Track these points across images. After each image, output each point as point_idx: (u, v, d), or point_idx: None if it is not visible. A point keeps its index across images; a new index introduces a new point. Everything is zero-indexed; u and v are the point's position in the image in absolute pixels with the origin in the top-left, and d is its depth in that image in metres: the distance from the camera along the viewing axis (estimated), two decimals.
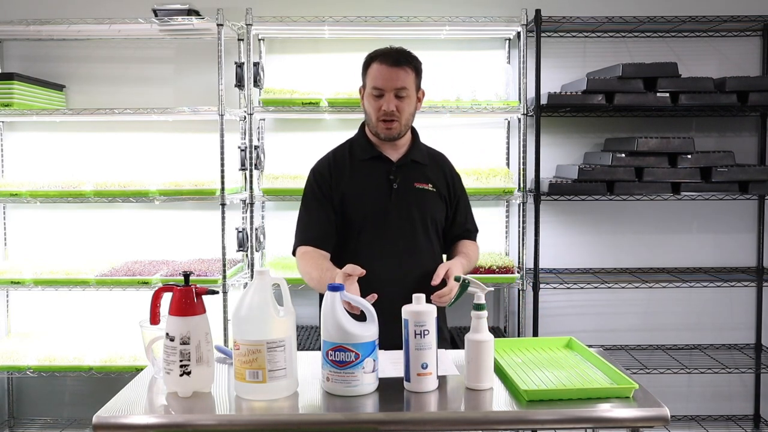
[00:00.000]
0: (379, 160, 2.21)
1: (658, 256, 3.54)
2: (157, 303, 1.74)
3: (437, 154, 2.35)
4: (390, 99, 2.11)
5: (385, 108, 2.11)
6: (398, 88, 2.11)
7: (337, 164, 2.24)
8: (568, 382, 1.69)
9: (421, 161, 2.25)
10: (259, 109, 3.26)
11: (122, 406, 1.61)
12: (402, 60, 2.14)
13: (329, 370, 1.64)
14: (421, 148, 2.29)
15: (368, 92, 2.16)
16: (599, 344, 3.35)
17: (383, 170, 2.20)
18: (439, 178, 2.26)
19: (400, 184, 2.18)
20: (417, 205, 2.18)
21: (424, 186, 2.21)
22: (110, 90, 3.48)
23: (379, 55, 2.14)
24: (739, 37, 3.44)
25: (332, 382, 1.64)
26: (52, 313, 3.54)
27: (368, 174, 2.20)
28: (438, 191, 2.23)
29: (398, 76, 2.11)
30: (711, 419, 3.56)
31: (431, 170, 2.26)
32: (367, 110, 2.18)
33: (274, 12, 3.29)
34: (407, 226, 2.17)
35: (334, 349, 1.64)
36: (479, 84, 3.32)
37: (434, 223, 2.22)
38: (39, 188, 3.17)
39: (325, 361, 1.65)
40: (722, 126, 3.50)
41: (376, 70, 2.13)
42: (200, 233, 3.49)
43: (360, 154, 2.23)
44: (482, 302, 1.69)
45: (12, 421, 3.56)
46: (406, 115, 2.16)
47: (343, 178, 2.20)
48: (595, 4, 3.37)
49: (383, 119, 2.13)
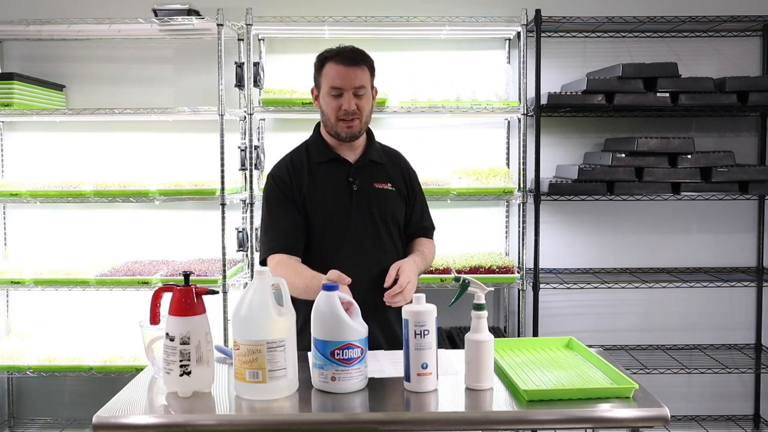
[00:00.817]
0: (337, 161, 2.19)
1: (658, 256, 3.54)
2: (157, 303, 1.74)
3: (393, 153, 2.33)
4: (350, 98, 2.10)
5: (346, 107, 2.10)
6: (357, 87, 2.10)
7: (295, 167, 2.21)
8: (568, 382, 1.69)
9: (378, 160, 2.23)
10: (259, 109, 3.26)
11: (122, 406, 1.61)
12: (358, 59, 2.13)
13: (335, 370, 1.63)
14: (377, 148, 2.27)
15: (325, 92, 2.13)
16: (599, 344, 3.35)
17: (342, 172, 2.18)
18: (397, 177, 2.25)
19: (360, 185, 2.17)
20: (378, 206, 2.17)
21: (383, 186, 2.20)
22: (110, 90, 3.49)
23: (333, 55, 2.13)
24: (739, 37, 3.44)
25: (339, 381, 1.63)
26: (52, 313, 3.54)
27: (327, 176, 2.18)
28: (397, 190, 2.22)
29: (356, 75, 2.10)
30: (711, 419, 3.56)
31: (389, 169, 2.25)
32: (325, 111, 2.16)
33: (274, 12, 3.29)
34: (370, 227, 2.15)
35: (342, 348, 1.63)
36: (479, 84, 3.32)
37: (395, 222, 2.21)
38: (39, 188, 3.17)
39: (328, 361, 1.64)
40: (722, 126, 3.50)
41: (333, 70, 2.11)
42: (200, 233, 3.49)
43: (317, 157, 2.21)
44: (482, 302, 1.69)
45: (12, 421, 3.56)
46: (365, 113, 2.15)
47: (303, 182, 2.18)
48: (595, 4, 3.37)
49: (343, 118, 2.12)
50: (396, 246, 2.21)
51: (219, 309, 3.12)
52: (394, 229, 2.21)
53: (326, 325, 1.65)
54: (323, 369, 1.65)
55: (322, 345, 1.65)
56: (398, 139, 3.34)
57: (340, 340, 1.63)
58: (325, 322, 1.65)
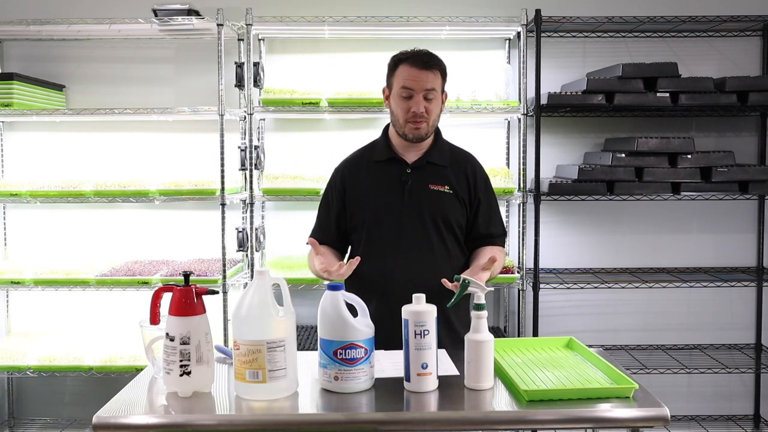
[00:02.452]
0: (394, 161, 2.22)
1: (658, 256, 3.54)
2: (157, 303, 1.74)
3: (462, 155, 2.31)
4: (419, 100, 2.11)
5: (415, 109, 2.11)
6: (428, 90, 2.12)
7: (354, 166, 2.28)
8: (568, 382, 1.69)
9: (439, 163, 2.23)
10: (259, 109, 3.26)
11: (122, 406, 1.61)
12: (431, 63, 2.15)
13: (338, 369, 1.64)
14: (443, 149, 2.27)
15: (396, 93, 2.15)
16: (599, 344, 3.35)
17: (397, 172, 2.20)
18: (458, 180, 2.23)
19: (413, 186, 2.18)
20: (430, 207, 2.17)
21: (439, 188, 2.20)
22: (110, 90, 3.49)
23: (408, 57, 2.15)
24: (739, 37, 3.44)
25: (341, 380, 1.65)
26: (52, 313, 3.54)
27: (382, 176, 2.21)
28: (455, 193, 2.21)
29: (428, 78, 2.12)
30: (711, 419, 3.56)
31: (451, 172, 2.23)
32: (395, 111, 2.17)
33: (274, 12, 3.29)
34: (419, 228, 2.16)
35: (344, 347, 1.64)
36: (479, 84, 3.32)
37: (449, 226, 2.20)
38: (39, 188, 3.17)
39: (331, 361, 1.65)
40: (722, 126, 3.50)
41: (406, 72, 2.13)
42: (200, 233, 3.48)
43: (378, 155, 2.25)
44: (482, 302, 1.70)
45: (12, 421, 3.56)
46: (433, 117, 2.16)
47: (358, 180, 2.23)
48: (595, 4, 3.37)
49: (412, 120, 2.13)
50: (448, 250, 2.19)
51: (219, 309, 3.12)
52: (448, 233, 2.20)
53: (330, 325, 1.66)
54: (327, 368, 1.66)
55: (326, 344, 1.66)
56: None
57: (342, 340, 1.64)
58: (329, 322, 1.66)
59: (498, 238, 2.29)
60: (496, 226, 2.29)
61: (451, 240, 2.21)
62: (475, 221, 2.25)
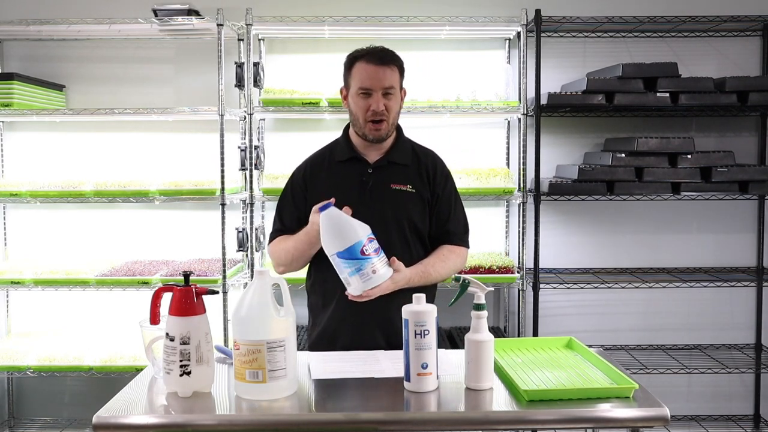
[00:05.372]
0: (356, 161, 2.18)
1: (658, 256, 3.54)
2: (157, 303, 1.74)
3: (423, 153, 2.25)
4: (378, 98, 2.08)
5: (375, 108, 2.08)
6: (386, 87, 2.09)
7: (316, 166, 2.23)
8: (568, 382, 1.69)
9: (401, 162, 2.19)
10: (259, 109, 3.26)
11: (122, 406, 1.61)
12: (388, 59, 2.11)
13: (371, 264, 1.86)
14: (405, 148, 2.22)
15: (354, 92, 2.12)
16: (599, 344, 3.35)
17: (358, 172, 2.17)
18: (421, 178, 2.19)
19: (374, 186, 2.14)
20: (392, 207, 2.13)
21: (401, 187, 2.15)
22: (110, 90, 3.49)
23: (364, 54, 2.12)
24: (739, 37, 3.44)
25: (378, 271, 1.87)
26: (52, 313, 3.54)
27: (344, 176, 2.17)
28: (418, 192, 2.17)
29: (386, 75, 2.09)
30: (711, 419, 3.56)
31: (412, 170, 2.19)
32: (354, 111, 2.13)
33: (274, 12, 3.29)
34: (381, 228, 2.07)
35: (369, 240, 1.87)
36: (479, 84, 3.32)
37: (412, 225, 2.15)
38: (39, 188, 3.17)
39: (361, 260, 1.85)
40: (722, 126, 3.50)
41: (363, 69, 2.10)
42: (200, 233, 3.49)
43: (338, 155, 2.21)
44: (482, 302, 1.70)
45: (12, 421, 3.56)
46: (393, 114, 2.13)
47: (319, 180, 2.19)
48: (595, 4, 3.37)
49: (371, 119, 2.10)
50: (411, 249, 2.14)
51: (219, 309, 3.12)
52: (411, 233, 2.15)
53: (344, 233, 1.85)
54: (362, 270, 1.86)
55: (348, 252, 1.85)
56: None
57: (361, 239, 1.85)
58: (339, 231, 1.83)
59: (456, 237, 2.21)
60: (454, 224, 2.21)
61: (414, 239, 2.16)
62: (432, 218, 2.19)
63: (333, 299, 2.12)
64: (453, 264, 2.19)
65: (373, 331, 2.09)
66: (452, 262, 2.18)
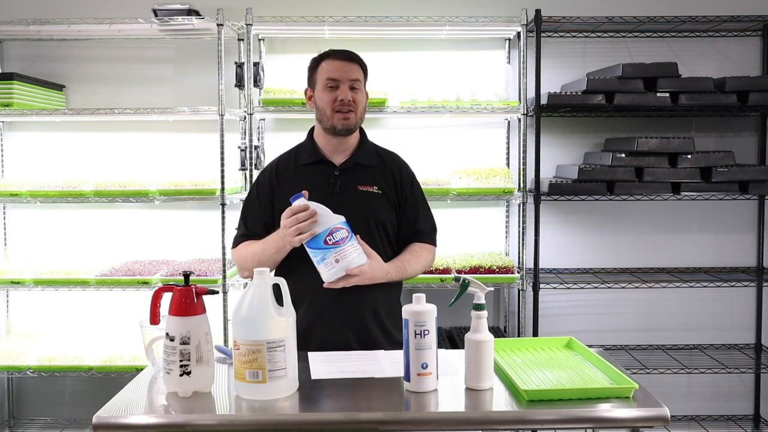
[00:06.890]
0: (322, 164, 2.19)
1: (658, 256, 3.54)
2: (157, 303, 1.74)
3: (388, 155, 2.28)
4: (346, 89, 2.12)
5: (342, 97, 2.11)
6: (353, 80, 2.13)
7: (280, 171, 2.22)
8: (568, 382, 1.69)
9: (366, 163, 2.20)
10: (259, 109, 3.26)
11: (122, 406, 1.61)
12: (354, 56, 2.18)
13: (334, 253, 1.93)
14: (369, 150, 2.24)
15: (321, 87, 2.15)
16: (599, 344, 3.35)
17: (325, 174, 2.17)
18: (386, 179, 2.20)
19: (341, 188, 2.15)
20: (360, 208, 2.13)
21: (368, 188, 2.16)
22: (110, 90, 3.49)
23: (330, 54, 2.18)
24: (739, 37, 3.44)
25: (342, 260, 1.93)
26: (52, 313, 3.54)
27: (310, 178, 2.17)
28: (384, 193, 2.18)
29: (352, 69, 2.15)
30: (711, 419, 3.56)
31: (378, 172, 2.21)
32: (321, 105, 2.16)
33: (274, 12, 3.29)
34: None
35: (331, 232, 1.94)
36: (479, 84, 3.32)
37: (381, 226, 2.16)
38: (39, 188, 3.17)
39: (325, 249, 1.93)
40: (722, 126, 3.50)
41: (330, 65, 2.15)
42: (200, 233, 3.49)
43: (304, 159, 2.22)
44: (482, 302, 1.70)
45: (12, 421, 3.56)
46: (360, 108, 2.16)
47: (286, 184, 2.18)
48: (595, 4, 3.37)
49: (339, 110, 2.12)
50: (379, 250, 2.13)
51: (219, 309, 3.12)
52: (379, 234, 2.16)
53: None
54: (326, 258, 1.93)
55: (313, 241, 1.94)
56: (398, 139, 3.35)
57: (327, 228, 1.93)
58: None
59: (425, 235, 2.25)
60: (423, 223, 2.25)
61: (382, 240, 2.17)
62: (401, 218, 2.22)
63: (304, 300, 2.10)
64: (425, 261, 2.24)
65: (344, 331, 2.10)
66: (425, 258, 2.24)
